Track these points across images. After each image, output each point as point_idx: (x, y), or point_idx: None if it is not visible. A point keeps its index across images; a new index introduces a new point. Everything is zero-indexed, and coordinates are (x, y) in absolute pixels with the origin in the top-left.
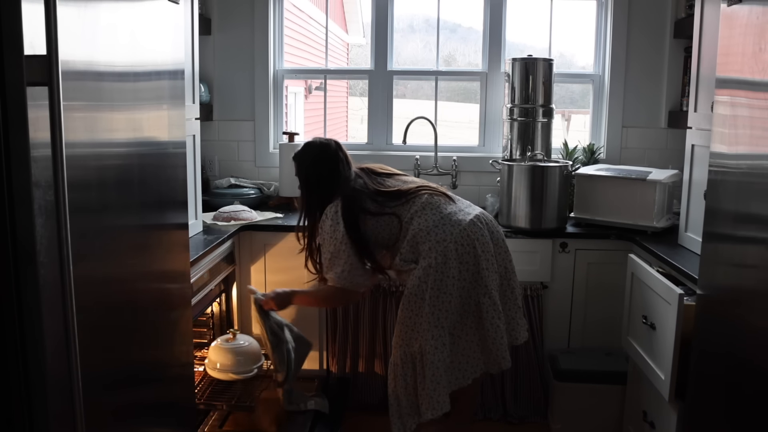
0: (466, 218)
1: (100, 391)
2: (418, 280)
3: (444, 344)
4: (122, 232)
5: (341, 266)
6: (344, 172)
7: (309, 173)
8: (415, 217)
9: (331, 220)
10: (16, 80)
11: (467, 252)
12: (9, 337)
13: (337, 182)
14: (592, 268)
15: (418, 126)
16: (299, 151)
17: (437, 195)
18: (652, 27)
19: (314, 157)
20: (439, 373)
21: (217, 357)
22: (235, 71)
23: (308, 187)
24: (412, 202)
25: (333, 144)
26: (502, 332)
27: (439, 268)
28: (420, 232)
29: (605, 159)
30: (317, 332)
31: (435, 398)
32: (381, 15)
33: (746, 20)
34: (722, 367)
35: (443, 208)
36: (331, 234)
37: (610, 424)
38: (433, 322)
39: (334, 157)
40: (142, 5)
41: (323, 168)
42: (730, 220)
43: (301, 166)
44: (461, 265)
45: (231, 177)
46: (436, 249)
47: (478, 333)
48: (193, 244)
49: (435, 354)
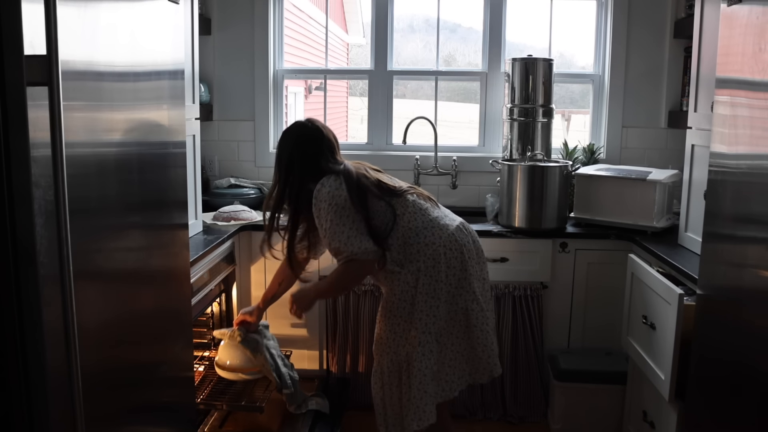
0: (452, 224)
1: (100, 391)
2: (407, 285)
3: (431, 351)
4: (122, 232)
5: (345, 233)
6: (328, 151)
7: (293, 151)
8: (404, 216)
9: (329, 187)
10: (16, 80)
11: (455, 257)
12: (9, 337)
13: (321, 159)
14: (592, 268)
15: (418, 126)
16: (282, 133)
17: (423, 198)
18: (652, 27)
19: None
20: (426, 381)
21: (226, 356)
22: (235, 71)
23: (290, 166)
24: (404, 199)
25: (313, 123)
26: (492, 338)
27: (429, 272)
28: (409, 232)
29: (605, 159)
30: (317, 332)
31: (422, 408)
32: (381, 15)
33: (746, 20)
34: (722, 367)
35: (430, 212)
36: (329, 201)
37: (610, 424)
38: (421, 328)
39: (317, 134)
40: (142, 5)
41: (307, 145)
42: (730, 220)
43: (283, 145)
44: (449, 270)
45: (231, 177)
46: (426, 252)
47: (465, 341)
48: (193, 244)
49: (422, 361)
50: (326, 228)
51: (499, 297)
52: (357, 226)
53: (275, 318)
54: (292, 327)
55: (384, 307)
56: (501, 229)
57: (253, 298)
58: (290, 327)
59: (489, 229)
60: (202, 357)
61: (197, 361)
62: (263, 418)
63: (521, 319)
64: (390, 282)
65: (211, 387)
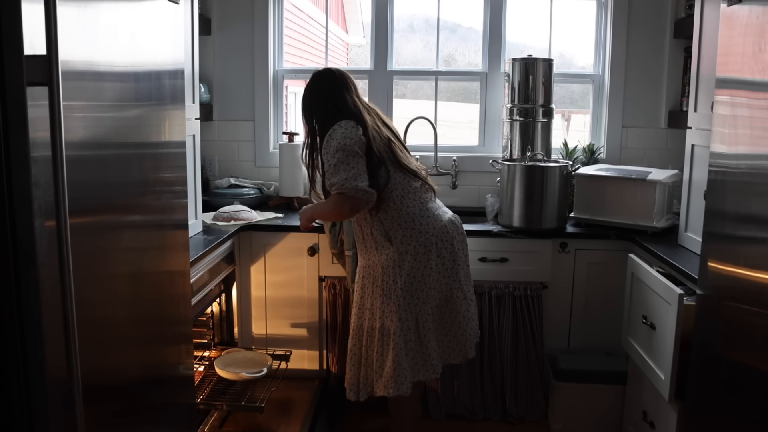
0: (444, 216)
1: (100, 391)
2: (393, 262)
3: (409, 329)
4: (122, 232)
5: (346, 172)
6: (351, 99)
7: (314, 98)
8: (404, 199)
9: (344, 129)
10: (16, 80)
11: (445, 248)
12: (9, 338)
13: (343, 107)
14: (592, 268)
15: (418, 126)
16: (308, 82)
17: (426, 188)
18: (651, 27)
19: (320, 82)
20: (401, 355)
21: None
22: (235, 71)
23: (311, 111)
24: (404, 177)
25: (337, 71)
26: (472, 325)
27: (419, 258)
28: (405, 216)
29: (605, 159)
30: (317, 332)
31: (395, 379)
32: (381, 15)
33: (746, 20)
34: (722, 367)
35: (428, 202)
36: (341, 141)
37: (610, 424)
38: (404, 306)
39: (340, 82)
40: (142, 5)
41: (329, 92)
42: (730, 220)
43: (308, 92)
44: (439, 259)
45: (231, 177)
46: (419, 239)
47: (447, 325)
48: (193, 244)
49: (401, 337)
50: (332, 164)
51: (499, 297)
52: (359, 169)
53: (275, 318)
54: (292, 327)
55: (367, 275)
56: (501, 229)
57: (253, 298)
58: (290, 327)
59: (489, 229)
60: (202, 357)
61: (197, 361)
62: (263, 418)
63: (521, 319)
64: (377, 252)
65: (211, 387)
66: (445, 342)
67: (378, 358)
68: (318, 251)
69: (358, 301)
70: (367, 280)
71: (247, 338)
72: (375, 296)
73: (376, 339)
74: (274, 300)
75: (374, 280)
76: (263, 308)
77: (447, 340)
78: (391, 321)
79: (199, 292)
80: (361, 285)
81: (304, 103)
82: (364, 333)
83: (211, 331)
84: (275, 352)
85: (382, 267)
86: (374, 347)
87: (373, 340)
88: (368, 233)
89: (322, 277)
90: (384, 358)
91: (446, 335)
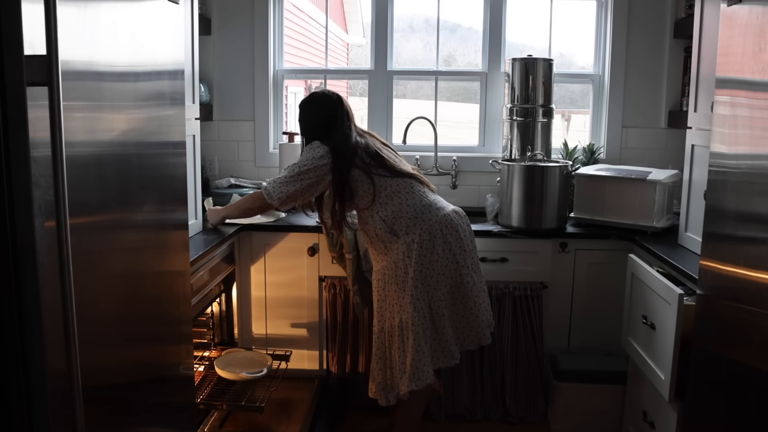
0: (447, 208)
1: (100, 391)
2: (403, 254)
3: (425, 317)
4: (122, 231)
5: (287, 182)
6: (342, 125)
7: (307, 120)
8: (405, 196)
9: (314, 152)
10: (16, 80)
11: (451, 234)
12: (9, 338)
13: (332, 132)
14: (592, 268)
15: (418, 126)
16: (304, 99)
17: (424, 185)
18: (651, 27)
19: (314, 106)
20: (420, 342)
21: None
22: (235, 71)
23: (305, 134)
24: (398, 179)
25: (334, 96)
26: (484, 310)
27: (425, 245)
28: (407, 209)
29: (605, 159)
30: (317, 332)
31: (420, 368)
32: (381, 15)
33: (746, 20)
34: (722, 367)
35: (428, 196)
36: (307, 158)
37: (610, 424)
38: (417, 295)
39: (333, 109)
40: (142, 5)
41: (320, 116)
42: (730, 220)
43: (302, 114)
44: (445, 245)
45: (231, 177)
46: (422, 227)
47: (460, 311)
48: (193, 244)
49: (418, 324)
50: (288, 172)
51: (499, 297)
52: (299, 187)
53: (275, 318)
54: (292, 327)
55: (382, 277)
56: (501, 229)
57: (253, 298)
58: (290, 327)
59: (489, 229)
60: (202, 357)
61: (197, 361)
62: (263, 418)
63: (521, 319)
64: (387, 250)
65: (211, 387)
66: (460, 327)
67: (400, 354)
68: (318, 251)
69: (377, 306)
70: (383, 282)
71: (247, 338)
72: (391, 293)
73: (396, 336)
74: (274, 300)
75: (390, 278)
76: (263, 308)
77: (461, 325)
78: (407, 313)
79: (199, 292)
80: (377, 288)
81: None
82: (386, 335)
83: (211, 331)
84: (275, 352)
85: (394, 262)
86: (395, 345)
87: (394, 338)
88: (374, 236)
89: (322, 277)
90: (405, 353)
91: (460, 321)
